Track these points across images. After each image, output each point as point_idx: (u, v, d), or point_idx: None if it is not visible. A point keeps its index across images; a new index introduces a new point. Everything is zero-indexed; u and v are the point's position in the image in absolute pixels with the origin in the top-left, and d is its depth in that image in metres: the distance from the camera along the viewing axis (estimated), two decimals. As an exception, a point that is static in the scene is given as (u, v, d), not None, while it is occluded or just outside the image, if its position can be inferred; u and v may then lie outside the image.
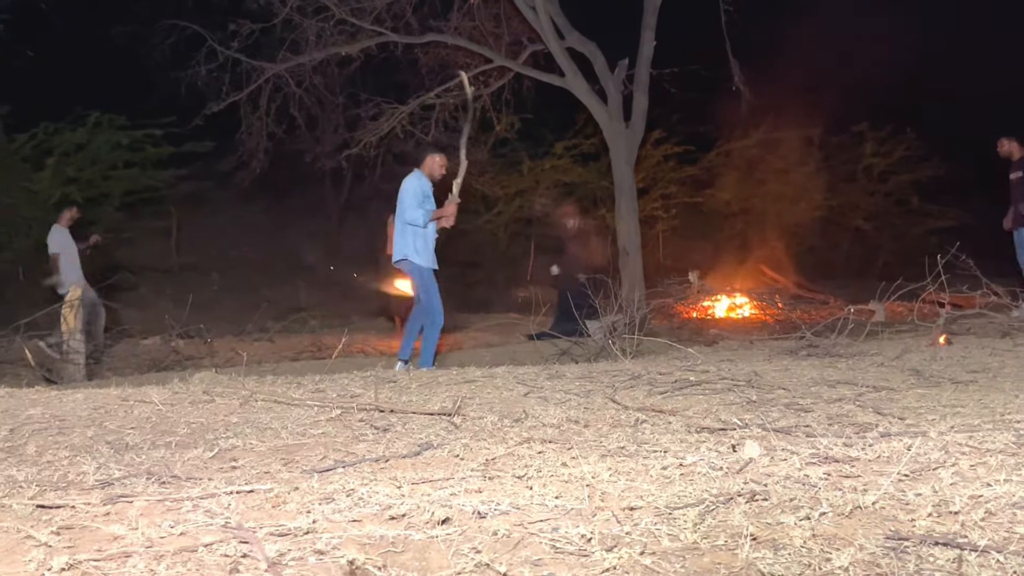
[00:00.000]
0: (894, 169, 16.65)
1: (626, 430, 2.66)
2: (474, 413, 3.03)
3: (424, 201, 5.89)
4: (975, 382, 3.44)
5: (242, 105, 10.74)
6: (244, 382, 3.97)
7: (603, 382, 3.83)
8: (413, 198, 5.86)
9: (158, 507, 1.82)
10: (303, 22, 10.22)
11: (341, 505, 1.77)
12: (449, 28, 10.88)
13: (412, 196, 5.87)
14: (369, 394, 3.50)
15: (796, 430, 2.52)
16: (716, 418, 2.81)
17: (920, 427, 2.47)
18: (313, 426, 2.90)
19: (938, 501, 1.64)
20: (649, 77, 10.11)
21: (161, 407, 3.30)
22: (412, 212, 5.82)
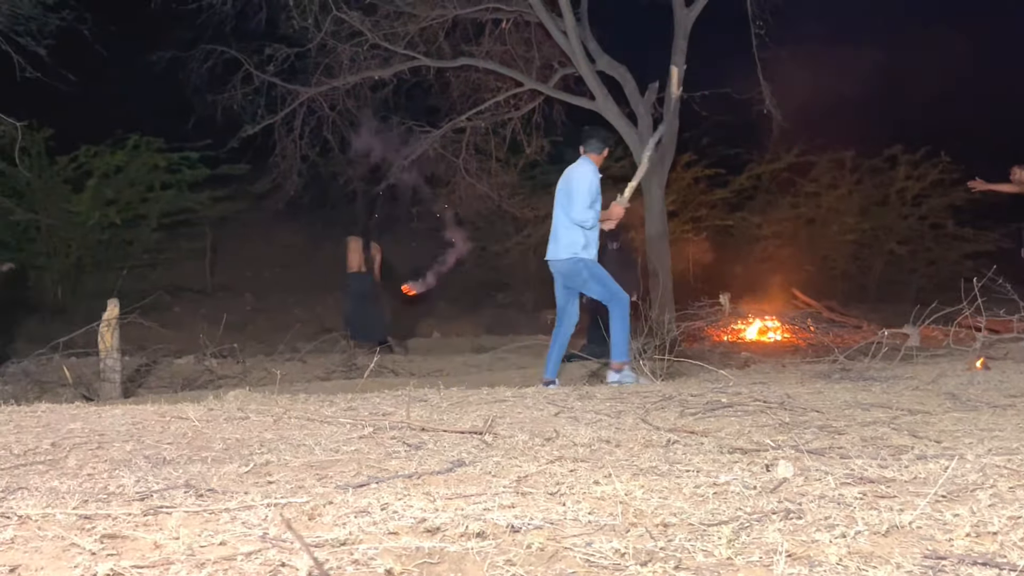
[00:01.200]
0: (928, 192, 16.46)
1: (658, 450, 2.66)
2: (505, 432, 3.05)
3: (596, 200, 5.65)
4: (1013, 406, 3.39)
5: (276, 128, 10.92)
6: (277, 400, 4.02)
7: (634, 403, 3.83)
8: (588, 195, 5.56)
9: (197, 518, 1.85)
10: (337, 47, 10.39)
11: (376, 518, 1.79)
12: (480, 52, 11.00)
13: (587, 192, 5.57)
14: (401, 412, 3.52)
15: (830, 451, 2.50)
16: (749, 439, 2.80)
17: (957, 450, 2.44)
18: (346, 443, 2.93)
19: (976, 522, 1.63)
20: (679, 100, 10.12)
21: (197, 423, 3.35)
22: (583, 212, 5.53)
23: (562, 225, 5.69)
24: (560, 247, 5.67)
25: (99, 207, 12.28)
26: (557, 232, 5.74)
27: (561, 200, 5.74)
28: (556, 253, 5.71)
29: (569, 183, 5.72)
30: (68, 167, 12.37)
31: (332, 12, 9.95)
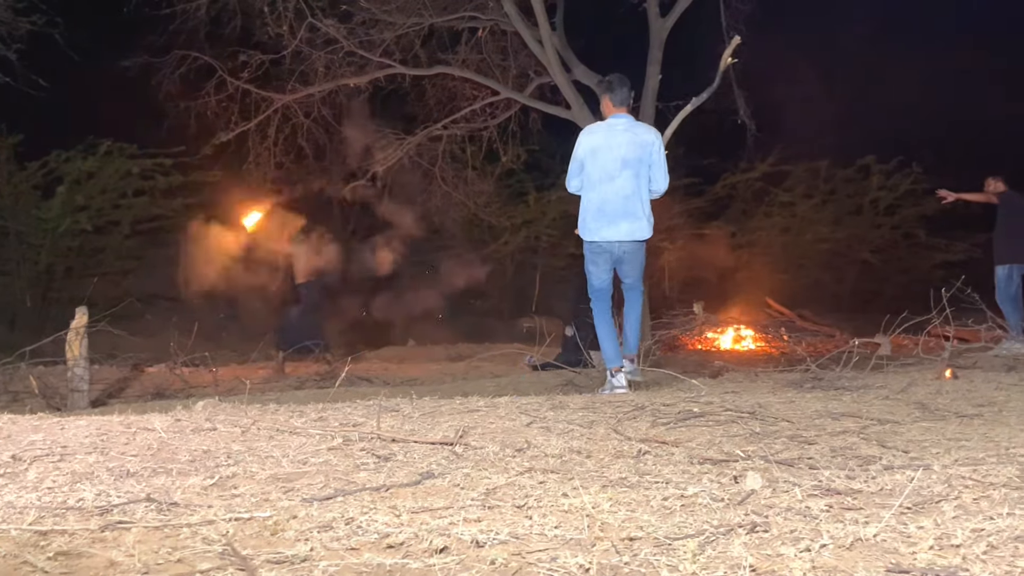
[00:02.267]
0: (900, 202, 16.67)
1: (628, 461, 2.65)
2: (476, 442, 3.02)
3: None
4: (980, 416, 3.42)
5: (251, 135, 10.85)
6: (246, 410, 3.97)
7: (607, 413, 3.82)
8: (666, 163, 5.18)
9: (156, 533, 1.81)
10: (312, 54, 10.35)
11: (339, 533, 1.77)
12: (457, 60, 11.00)
13: (665, 161, 5.18)
14: (371, 422, 3.49)
15: (799, 462, 2.50)
16: (719, 450, 2.80)
17: (924, 460, 2.45)
18: (314, 454, 2.89)
19: (940, 534, 1.63)
20: (655, 110, 10.18)
21: (163, 434, 3.30)
22: (666, 180, 5.17)
23: (640, 198, 5.11)
24: (644, 225, 5.13)
25: (70, 213, 12.14)
26: (631, 206, 5.09)
27: (633, 166, 5.09)
28: (641, 231, 5.14)
29: (643, 147, 5.12)
30: (38, 173, 12.23)
31: (307, 19, 9.92)
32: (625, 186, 5.07)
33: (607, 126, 5.19)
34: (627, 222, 5.10)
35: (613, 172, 5.07)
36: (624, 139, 5.10)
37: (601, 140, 5.14)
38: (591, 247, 5.21)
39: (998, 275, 7.95)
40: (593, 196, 5.13)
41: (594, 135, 5.18)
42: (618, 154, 5.08)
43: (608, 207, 5.09)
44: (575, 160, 5.21)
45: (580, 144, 5.20)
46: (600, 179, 5.09)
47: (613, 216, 5.08)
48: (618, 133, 5.13)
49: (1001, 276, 7.93)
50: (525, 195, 15.58)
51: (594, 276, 5.29)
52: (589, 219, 5.16)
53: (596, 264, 5.25)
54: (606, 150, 5.11)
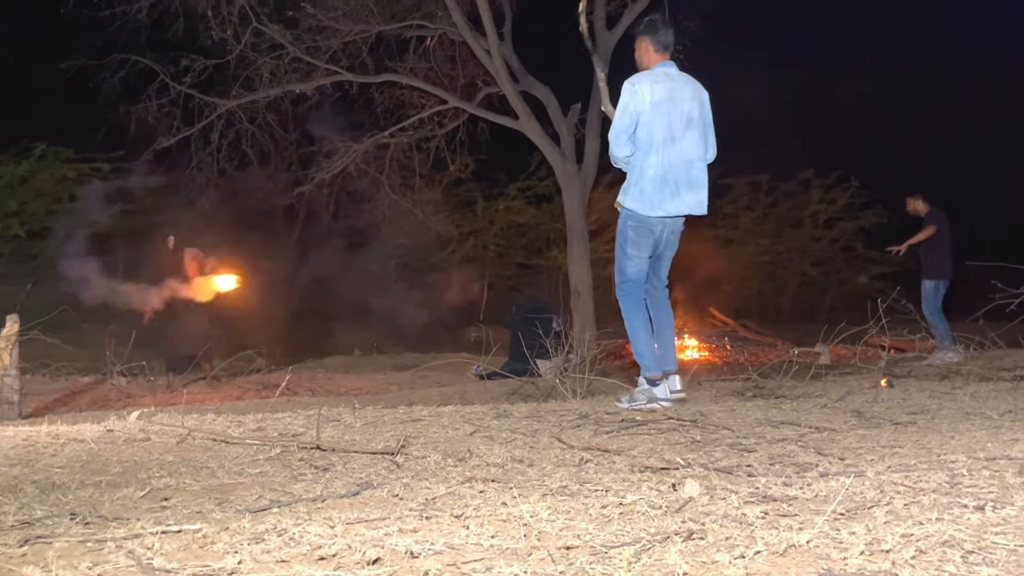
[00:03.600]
0: (839, 216, 17.07)
1: (570, 469, 2.65)
2: (418, 452, 2.99)
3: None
4: (914, 423, 3.49)
5: (193, 140, 10.65)
6: (183, 420, 3.88)
7: (550, 421, 3.82)
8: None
9: (78, 548, 1.75)
10: (257, 59, 10.20)
11: (271, 545, 1.72)
12: (404, 68, 10.96)
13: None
14: (311, 432, 3.43)
15: (738, 469, 2.53)
16: (660, 457, 2.81)
17: (859, 467, 2.49)
18: (251, 465, 2.83)
19: (871, 540, 1.65)
20: (601, 121, 10.26)
21: (93, 445, 3.20)
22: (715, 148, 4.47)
23: (699, 165, 4.38)
24: (704, 195, 4.40)
25: (1, 219, 11.76)
26: (693, 174, 4.35)
27: (696, 126, 4.34)
28: (703, 204, 4.42)
29: (703, 105, 4.41)
30: (-31, 176, 11.85)
31: (252, 24, 9.78)
32: (689, 149, 4.31)
33: (666, 75, 4.33)
34: (692, 193, 4.34)
35: (677, 132, 4.26)
36: (688, 92, 4.33)
37: (664, 92, 4.26)
38: (641, 225, 4.37)
39: (926, 288, 8.18)
40: (655, 161, 4.25)
41: (657, 85, 4.27)
42: (684, 109, 4.29)
43: (672, 175, 4.28)
44: (627, 115, 4.27)
45: (637, 94, 4.26)
46: (664, 140, 4.25)
47: (677, 186, 4.29)
48: (680, 85, 4.33)
49: (929, 289, 8.17)
50: (473, 204, 15.58)
51: (634, 262, 4.46)
52: (650, 190, 4.28)
53: (639, 247, 4.42)
54: (669, 104, 4.26)
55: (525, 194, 15.56)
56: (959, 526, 1.73)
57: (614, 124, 4.29)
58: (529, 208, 15.68)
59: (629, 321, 4.49)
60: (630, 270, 4.48)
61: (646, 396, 4.33)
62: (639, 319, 4.47)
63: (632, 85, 4.28)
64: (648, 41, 4.45)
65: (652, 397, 4.32)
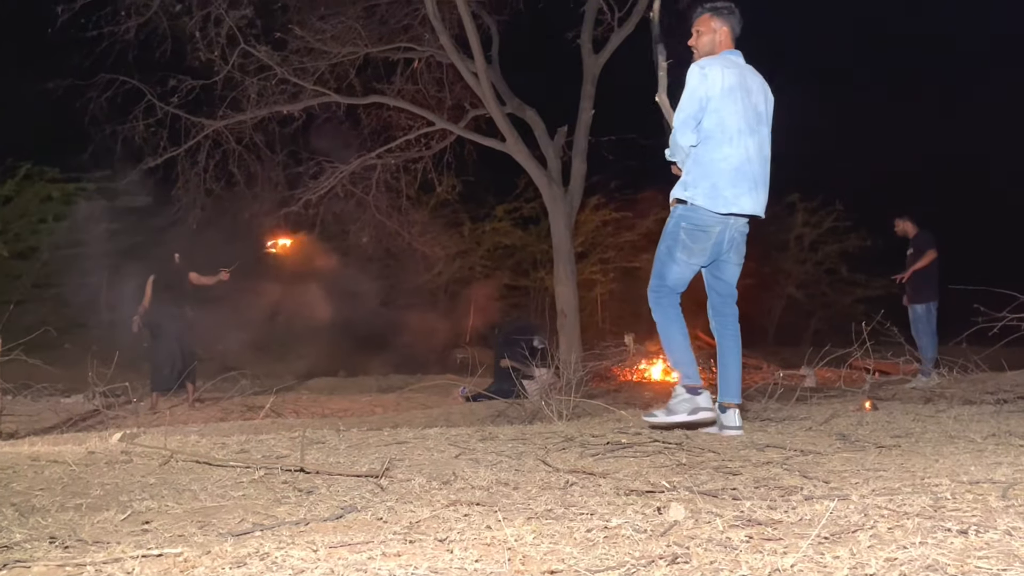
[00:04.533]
0: (824, 239, 17.20)
1: (555, 492, 2.64)
2: (402, 475, 2.97)
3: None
4: (898, 446, 3.50)
5: (180, 160, 10.64)
6: (165, 441, 3.84)
7: (536, 444, 3.80)
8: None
9: (57, 572, 1.72)
10: (245, 80, 10.22)
11: (253, 570, 1.71)
12: (392, 91, 11.01)
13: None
14: (295, 455, 3.41)
15: (723, 493, 2.52)
16: (645, 480, 2.80)
17: (843, 490, 2.50)
18: (234, 488, 2.81)
19: (855, 564, 1.65)
20: (588, 144, 10.34)
21: (75, 467, 3.17)
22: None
23: (763, 165, 3.99)
24: (766, 198, 4.01)
25: (-16, 238, 11.71)
26: (755, 171, 3.95)
27: (765, 122, 4.01)
28: (762, 207, 4.02)
29: (770, 101, 4.05)
30: (-48, 195, 11.78)
31: (240, 45, 9.81)
32: (764, 145, 3.97)
33: (734, 63, 3.95)
34: (761, 193, 3.96)
35: (753, 124, 3.91)
36: (757, 84, 3.97)
37: (736, 79, 3.88)
38: (699, 227, 3.94)
39: (918, 312, 8.21)
40: (729, 152, 3.85)
41: (728, 70, 3.88)
42: (756, 100, 3.93)
43: (748, 169, 3.89)
44: (695, 100, 3.86)
45: (707, 78, 3.85)
46: (739, 130, 3.86)
47: (754, 182, 3.90)
48: (750, 75, 3.96)
49: (921, 314, 8.20)
50: (460, 225, 15.62)
51: (680, 268, 4.01)
52: (723, 183, 3.86)
53: (690, 252, 3.97)
54: (743, 93, 3.89)
55: (512, 216, 15.62)
56: (943, 550, 1.73)
57: (680, 110, 3.88)
58: (516, 230, 15.73)
59: (664, 326, 4.05)
60: (672, 276, 4.01)
61: (688, 406, 3.90)
62: (675, 323, 4.04)
63: (701, 68, 3.86)
64: (726, 27, 4.03)
65: (696, 406, 3.90)
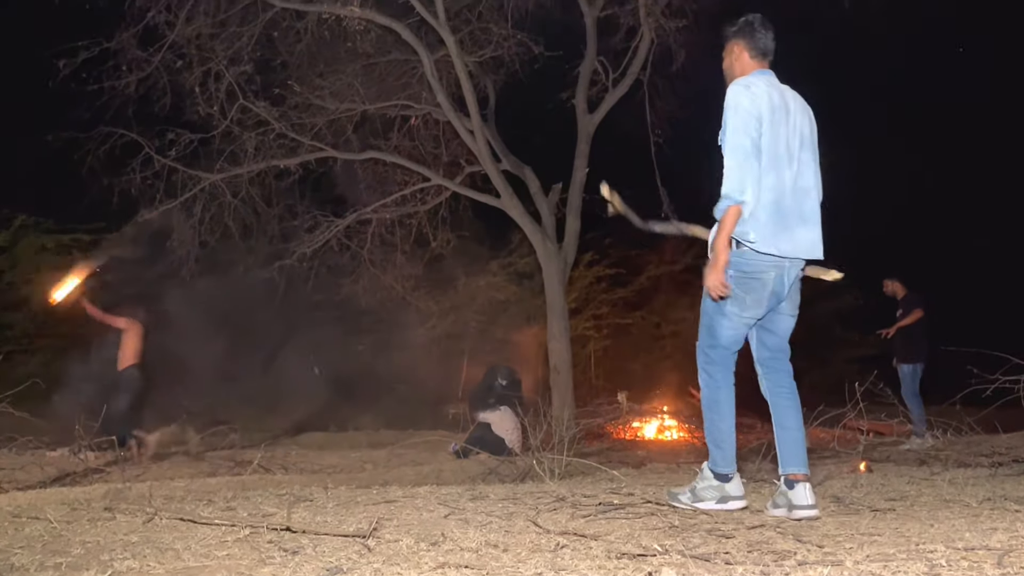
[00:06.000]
0: (816, 297, 17.25)
1: (545, 555, 2.59)
2: (390, 535, 2.93)
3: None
4: (893, 510, 3.47)
5: (175, 213, 10.68)
6: (150, 497, 3.78)
7: (527, 504, 3.76)
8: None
9: (33, 636, 1.68)
10: (243, 134, 10.33)
11: (234, 635, 1.67)
12: (389, 146, 11.14)
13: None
14: (282, 513, 3.36)
15: (715, 557, 2.49)
16: (637, 543, 2.76)
17: (837, 556, 2.46)
18: (218, 547, 2.76)
19: (851, 634, 1.62)
20: (582, 201, 10.43)
21: (56, 524, 3.11)
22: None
23: (814, 196, 3.48)
24: (819, 234, 3.46)
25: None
26: (808, 206, 3.44)
27: (808, 147, 3.48)
28: (815, 246, 3.45)
29: (813, 124, 3.55)
30: (-54, 246, 11.79)
31: (239, 101, 9.93)
32: (806, 174, 3.43)
33: (769, 83, 3.45)
34: (806, 230, 3.41)
35: (793, 150, 3.40)
36: (798, 105, 3.49)
37: (778, 99, 3.40)
38: (750, 273, 3.38)
39: (904, 372, 8.22)
40: (770, 183, 3.34)
41: (772, 89, 3.41)
42: (797, 122, 3.43)
43: (786, 204, 3.35)
44: (751, 118, 3.34)
45: (757, 95, 3.37)
46: (776, 157, 3.35)
47: (791, 218, 3.36)
48: (788, 96, 3.47)
49: (907, 373, 8.22)
50: (454, 280, 15.65)
51: (733, 323, 3.46)
52: (764, 218, 3.33)
53: (742, 304, 3.41)
54: (784, 114, 3.39)
55: (506, 271, 15.66)
56: (939, 620, 1.70)
57: (734, 134, 3.32)
58: (510, 285, 15.76)
59: (710, 393, 3.55)
60: (724, 333, 3.48)
61: (716, 493, 3.45)
62: (724, 392, 3.53)
63: (747, 87, 3.38)
64: (742, 44, 3.57)
65: (725, 495, 3.45)
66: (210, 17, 9.71)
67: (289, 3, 9.68)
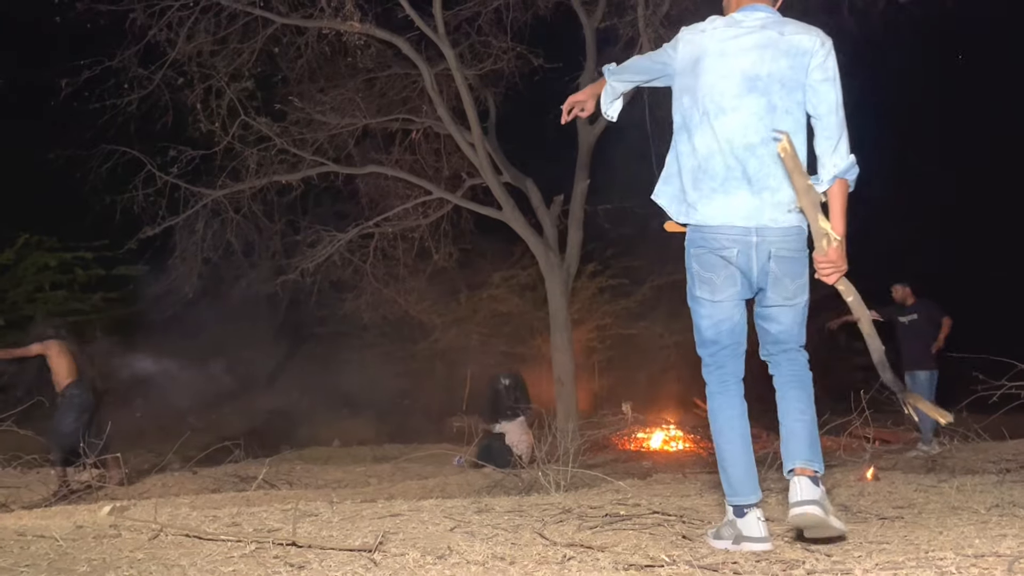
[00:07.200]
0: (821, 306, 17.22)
1: (552, 567, 2.58)
2: (396, 549, 2.91)
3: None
4: (901, 518, 3.45)
5: (178, 229, 10.71)
6: (155, 514, 3.77)
7: (533, 516, 3.74)
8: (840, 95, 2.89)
9: (39, 655, 1.67)
10: (244, 150, 10.36)
11: (241, 651, 1.66)
12: (390, 160, 11.17)
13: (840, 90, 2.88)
14: (287, 528, 3.34)
15: (723, 567, 2.47)
16: (644, 554, 2.75)
17: (846, 564, 2.45)
18: (224, 563, 2.75)
19: (862, 642, 1.61)
20: (584, 213, 10.44)
21: (62, 542, 3.10)
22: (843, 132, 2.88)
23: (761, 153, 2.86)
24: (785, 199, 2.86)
25: (-20, 308, 11.72)
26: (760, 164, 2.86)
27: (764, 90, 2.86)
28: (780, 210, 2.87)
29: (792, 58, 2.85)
30: (-50, 265, 11.82)
31: (240, 117, 9.97)
32: (748, 124, 2.87)
33: (725, 23, 2.96)
34: (750, 192, 2.88)
35: (728, 99, 2.89)
36: (751, 41, 2.89)
37: (710, 44, 2.94)
38: (707, 243, 2.95)
39: (921, 379, 8.16)
40: (695, 145, 2.98)
41: (701, 35, 2.97)
42: (737, 67, 2.88)
43: (714, 164, 2.92)
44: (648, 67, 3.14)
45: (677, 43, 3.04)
46: (705, 113, 2.93)
47: (725, 179, 2.90)
48: (744, 33, 2.91)
49: (924, 380, 8.17)
50: (457, 293, 15.65)
51: (707, 311, 3.02)
52: (687, 185, 3.00)
53: (709, 286, 2.98)
54: (718, 60, 2.91)
55: (509, 283, 15.66)
56: (950, 628, 1.69)
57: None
58: (513, 297, 15.76)
59: (710, 409, 3.10)
60: (703, 324, 3.04)
61: (731, 531, 2.88)
62: (717, 405, 3.08)
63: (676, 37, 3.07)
64: None
65: (738, 533, 2.84)
66: (211, 34, 9.76)
67: (289, 19, 9.72)
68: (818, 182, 2.83)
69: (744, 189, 2.87)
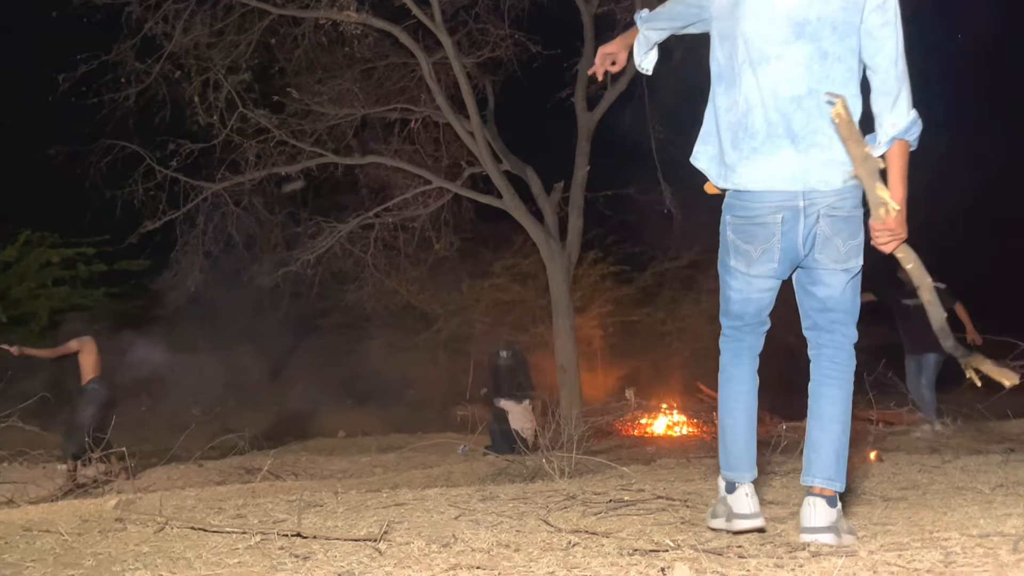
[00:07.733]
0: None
1: (557, 554, 2.59)
2: (401, 538, 2.92)
3: None
4: (905, 499, 3.46)
5: (178, 223, 10.70)
6: (161, 507, 3.78)
7: (537, 503, 3.75)
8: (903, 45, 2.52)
9: (45, 649, 1.68)
10: (243, 143, 10.34)
11: (247, 642, 1.66)
12: (389, 150, 11.14)
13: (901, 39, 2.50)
14: (292, 519, 3.35)
15: (728, 551, 2.48)
16: (649, 539, 2.75)
17: (851, 546, 2.45)
18: (230, 555, 2.75)
19: (866, 624, 1.61)
20: (584, 199, 10.42)
21: (67, 537, 3.11)
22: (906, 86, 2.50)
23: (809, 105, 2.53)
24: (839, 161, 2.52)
25: (-17, 304, 11.73)
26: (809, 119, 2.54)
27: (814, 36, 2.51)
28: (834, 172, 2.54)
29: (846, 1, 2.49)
30: (-47, 262, 11.83)
31: (238, 109, 9.94)
32: (795, 74, 2.54)
33: None
34: (795, 150, 2.56)
35: (772, 45, 2.56)
36: None
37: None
38: (749, 211, 2.65)
39: (929, 361, 8.12)
40: (735, 98, 2.65)
41: None
42: (783, 9, 2.52)
43: (754, 119, 2.60)
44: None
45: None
46: (746, 61, 2.60)
47: (767, 137, 2.59)
48: None
49: (931, 362, 8.13)
50: (459, 282, 15.66)
51: (738, 283, 2.79)
52: (726, 143, 2.68)
53: (744, 257, 2.71)
54: (760, 1, 2.56)
55: (510, 271, 15.66)
56: (955, 607, 1.69)
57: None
58: (515, 285, 15.75)
59: (721, 375, 2.89)
60: (731, 296, 2.82)
61: (724, 508, 2.76)
62: (726, 377, 2.89)
63: None
64: None
65: (728, 512, 2.73)
66: (207, 26, 9.72)
67: (286, 10, 9.68)
68: (874, 143, 2.51)
69: (788, 148, 2.55)
